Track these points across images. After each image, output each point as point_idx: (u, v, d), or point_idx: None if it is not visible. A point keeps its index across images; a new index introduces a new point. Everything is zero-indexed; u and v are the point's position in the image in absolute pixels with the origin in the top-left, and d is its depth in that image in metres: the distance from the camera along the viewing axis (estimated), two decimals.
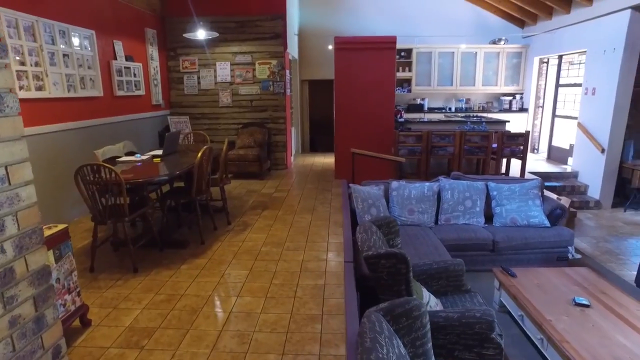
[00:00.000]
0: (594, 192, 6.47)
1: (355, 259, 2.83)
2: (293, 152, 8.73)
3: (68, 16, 4.63)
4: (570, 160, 7.40)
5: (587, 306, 2.82)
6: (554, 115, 8.11)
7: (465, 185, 4.49)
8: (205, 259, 3.50)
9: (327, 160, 8.65)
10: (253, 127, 7.14)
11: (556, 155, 7.96)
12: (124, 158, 4.15)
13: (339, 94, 6.40)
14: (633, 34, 5.85)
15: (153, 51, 6.38)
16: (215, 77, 7.09)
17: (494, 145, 5.86)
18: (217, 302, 2.85)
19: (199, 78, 7.09)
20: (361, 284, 2.72)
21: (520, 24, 8.82)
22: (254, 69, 7.08)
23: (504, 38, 8.68)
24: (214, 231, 4.19)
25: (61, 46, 4.54)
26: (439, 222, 4.45)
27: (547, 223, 4.26)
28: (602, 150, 6.24)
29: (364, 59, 6.20)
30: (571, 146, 7.37)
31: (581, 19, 6.76)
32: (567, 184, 6.68)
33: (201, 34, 5.63)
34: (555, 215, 4.36)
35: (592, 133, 6.49)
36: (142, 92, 6.06)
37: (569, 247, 4.27)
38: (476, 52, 8.73)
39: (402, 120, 6.65)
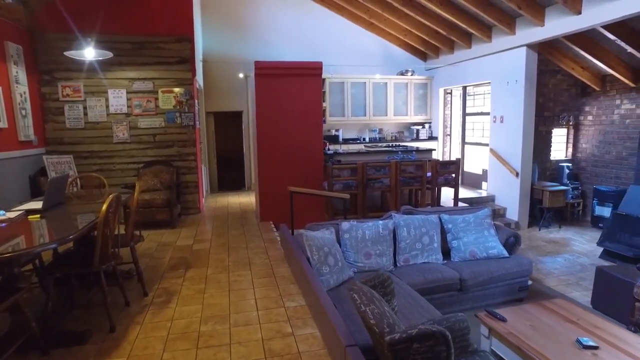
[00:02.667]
0: (512, 213, 6.73)
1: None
2: (204, 193, 7.67)
3: None
4: (484, 184, 7.72)
5: (595, 348, 2.54)
6: (463, 143, 8.50)
7: (420, 220, 4.12)
8: (121, 359, 2.43)
9: (243, 199, 7.77)
10: (158, 166, 6.00)
11: (469, 180, 8.29)
12: None
13: (260, 126, 5.72)
14: (530, 68, 6.35)
15: (19, 72, 4.96)
16: (107, 107, 5.84)
17: (429, 175, 5.72)
18: None
19: (85, 108, 5.76)
20: None
21: (423, 57, 9.26)
22: (157, 98, 6.03)
23: (410, 69, 8.99)
24: (127, 308, 3.07)
25: None
26: (397, 264, 3.97)
27: (505, 253, 4.07)
28: (517, 174, 6.55)
29: (288, 86, 5.65)
30: (484, 171, 7.71)
31: (482, 54, 7.22)
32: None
33: (90, 53, 4.50)
34: (510, 244, 4.22)
35: (504, 158, 6.81)
36: (2, 124, 4.60)
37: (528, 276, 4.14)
38: (386, 83, 8.86)
39: (330, 152, 6.21)
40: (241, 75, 8.40)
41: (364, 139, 9.11)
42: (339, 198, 4.78)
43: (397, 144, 8.19)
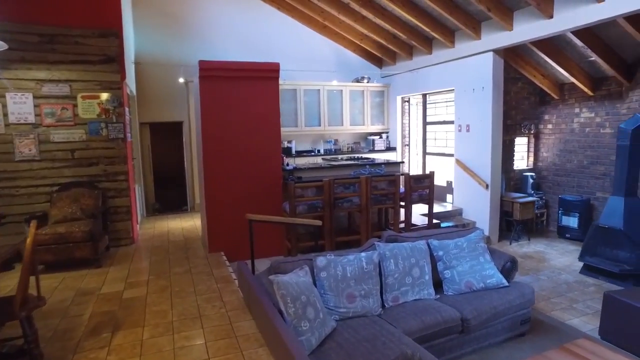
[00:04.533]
0: (482, 227, 6.33)
1: None
2: (139, 218, 6.52)
3: None
4: (449, 197, 7.34)
5: None
6: (424, 153, 8.11)
7: (408, 248, 3.47)
8: None
9: (186, 224, 6.72)
10: (78, 189, 4.85)
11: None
12: None
13: (206, 138, 4.81)
14: (497, 74, 6.05)
15: None
16: (5, 115, 4.61)
17: (402, 191, 5.13)
18: None
19: None
20: None
21: (379, 63, 8.81)
22: (75, 105, 4.89)
23: (366, 76, 8.49)
24: None
25: None
26: (385, 305, 3.27)
27: (505, 282, 3.53)
28: (487, 186, 6.19)
29: (240, 90, 4.81)
30: (448, 183, 7.34)
31: (444, 59, 6.87)
32: (457, 223, 6.44)
33: None
34: (507, 270, 3.70)
35: (472, 169, 6.45)
36: None
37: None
38: (342, 90, 8.28)
39: (290, 168, 5.42)
40: (181, 80, 7.37)
41: (318, 151, 8.44)
42: (309, 225, 4.00)
43: (358, 156, 7.61)
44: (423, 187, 5.19)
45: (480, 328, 3.22)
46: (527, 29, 5.31)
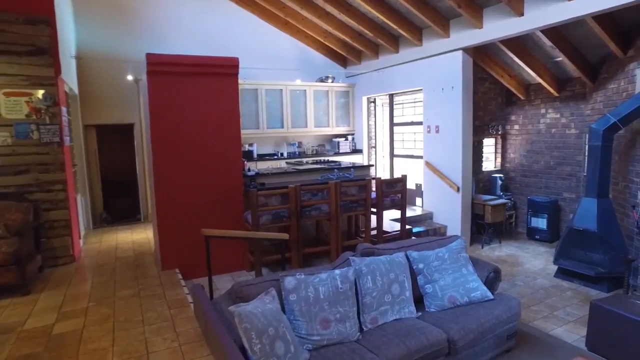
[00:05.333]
0: (454, 231, 6.17)
1: None
2: (82, 232, 5.81)
3: None
4: (418, 200, 7.13)
5: None
6: (392, 155, 7.88)
7: (386, 262, 3.12)
8: None
9: (138, 236, 6.09)
10: (1, 203, 4.16)
11: None
12: None
13: (157, 141, 4.27)
14: (467, 73, 5.89)
15: None
16: None
17: (373, 196, 4.80)
18: None
19: None
20: None
21: (343, 62, 8.51)
22: None
23: (331, 76, 8.15)
24: None
25: None
26: (363, 327, 2.90)
27: (490, 295, 3.26)
28: (458, 189, 6.00)
29: (195, 88, 4.31)
30: (417, 186, 7.12)
31: (412, 58, 6.65)
32: (428, 228, 6.22)
33: None
34: (491, 281, 3.44)
35: (443, 171, 6.25)
36: None
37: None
38: (305, 90, 7.90)
39: (251, 173, 4.96)
40: (130, 78, 6.71)
41: (281, 154, 8.01)
42: (281, 239, 3.56)
43: (324, 159, 7.25)
44: (395, 192, 4.89)
45: (467, 348, 2.92)
46: (497, 27, 5.16)
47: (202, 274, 4.28)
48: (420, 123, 6.84)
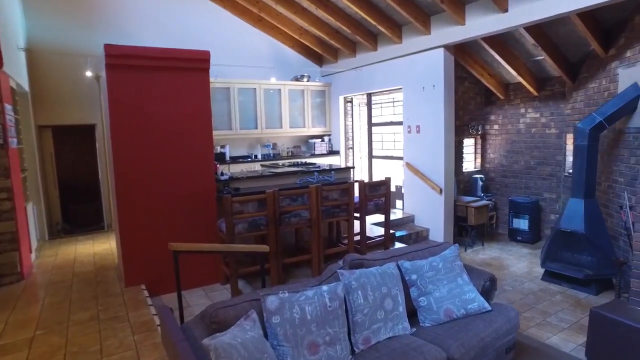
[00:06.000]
0: (437, 235, 5.99)
1: None
2: (35, 245, 5.24)
3: None
4: (398, 203, 6.92)
5: None
6: (370, 156, 7.64)
7: (377, 275, 2.83)
8: None
9: (100, 247, 5.57)
10: None
11: None
12: None
13: (118, 143, 3.83)
14: (448, 72, 5.72)
15: None
16: None
17: (356, 200, 4.52)
18: None
19: None
20: None
21: (319, 61, 8.22)
22: None
23: (306, 75, 7.84)
24: None
25: None
26: (355, 349, 2.61)
27: (487, 306, 3.03)
28: (440, 191, 5.82)
29: (161, 84, 3.90)
30: (398, 188, 6.91)
31: (391, 56, 6.43)
32: (411, 231, 6.01)
33: None
34: (487, 290, 3.22)
35: (424, 173, 6.05)
36: None
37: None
38: (280, 90, 7.56)
39: (225, 177, 4.57)
40: (89, 74, 6.16)
41: (255, 156, 7.64)
42: (261, 252, 3.21)
43: (301, 161, 6.92)
44: (379, 195, 4.62)
45: None
46: (480, 24, 5.00)
47: (171, 289, 3.88)
48: (399, 123, 6.63)
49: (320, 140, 8.19)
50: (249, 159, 7.50)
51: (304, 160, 6.98)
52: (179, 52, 3.96)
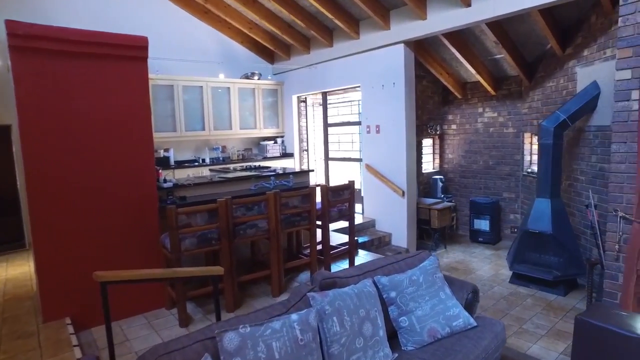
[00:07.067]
0: (400, 240, 5.73)
1: None
2: None
3: None
4: (358, 207, 6.59)
5: None
6: (327, 159, 7.27)
7: (354, 296, 2.42)
8: None
9: (16, 270, 4.71)
10: None
11: None
12: None
13: (30, 148, 3.13)
14: (409, 69, 5.48)
15: None
16: None
17: (318, 207, 4.10)
18: None
19: None
20: None
21: (270, 57, 7.73)
22: None
23: (257, 72, 7.33)
24: None
25: None
26: None
27: (472, 321, 2.72)
28: (403, 194, 5.56)
29: (87, 74, 3.24)
30: (357, 191, 6.58)
31: (348, 53, 6.10)
32: (373, 237, 5.69)
33: None
34: (469, 303, 2.92)
35: (385, 175, 5.77)
36: None
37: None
38: (229, 88, 6.99)
39: (169, 185, 3.96)
40: (0, 64, 5.25)
41: (203, 160, 7.00)
42: (213, 274, 2.68)
43: (254, 164, 6.39)
44: (342, 201, 4.24)
45: None
46: (442, 18, 4.79)
47: (103, 321, 3.22)
48: (357, 123, 6.32)
49: (272, 142, 7.70)
50: (196, 164, 6.84)
51: (256, 164, 6.46)
52: (109, 37, 3.32)
